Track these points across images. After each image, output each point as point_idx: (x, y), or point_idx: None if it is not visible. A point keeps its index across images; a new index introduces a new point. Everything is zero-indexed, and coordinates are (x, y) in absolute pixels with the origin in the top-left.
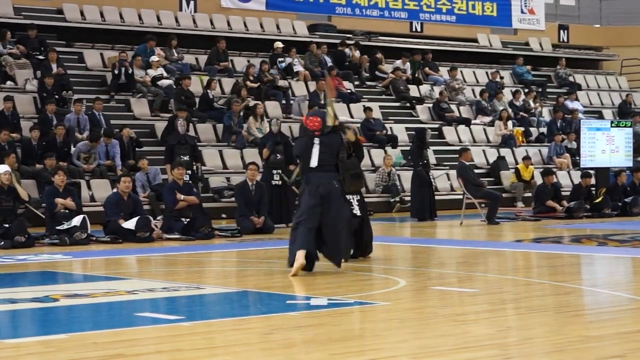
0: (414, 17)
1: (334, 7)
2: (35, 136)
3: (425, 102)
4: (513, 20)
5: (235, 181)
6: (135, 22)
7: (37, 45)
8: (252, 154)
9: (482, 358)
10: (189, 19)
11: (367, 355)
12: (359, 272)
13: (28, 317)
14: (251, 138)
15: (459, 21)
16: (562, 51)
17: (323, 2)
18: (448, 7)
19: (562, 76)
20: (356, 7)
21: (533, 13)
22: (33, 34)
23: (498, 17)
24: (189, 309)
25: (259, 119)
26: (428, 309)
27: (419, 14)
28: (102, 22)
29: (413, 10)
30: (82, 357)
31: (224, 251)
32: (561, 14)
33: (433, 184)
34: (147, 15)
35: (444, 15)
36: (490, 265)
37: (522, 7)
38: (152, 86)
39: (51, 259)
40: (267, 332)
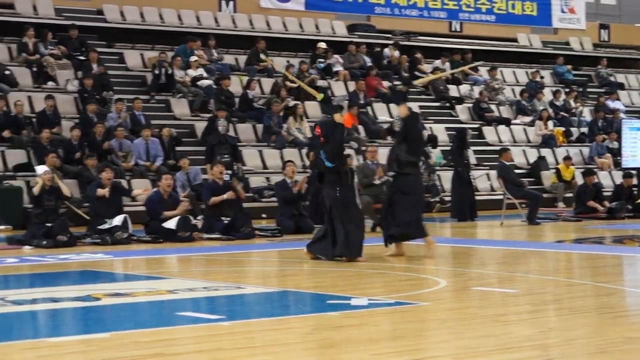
0: (453, 17)
1: (373, 7)
2: (76, 136)
3: (465, 102)
4: (553, 19)
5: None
6: (175, 22)
7: (78, 46)
8: (291, 153)
9: (524, 359)
10: (229, 19)
11: (408, 355)
12: (399, 272)
13: (69, 316)
14: (291, 138)
15: (499, 21)
16: (603, 50)
17: (362, 2)
18: (488, 7)
19: (603, 76)
20: (395, 7)
21: (573, 12)
22: (74, 35)
23: (538, 16)
24: (229, 308)
25: (299, 119)
26: (469, 310)
27: (459, 13)
28: (142, 22)
29: (452, 9)
30: (123, 356)
31: (264, 251)
32: (602, 13)
33: (473, 184)
34: (187, 15)
35: (483, 14)
36: (531, 265)
37: (562, 6)
38: (192, 86)
39: (93, 258)
40: (307, 332)
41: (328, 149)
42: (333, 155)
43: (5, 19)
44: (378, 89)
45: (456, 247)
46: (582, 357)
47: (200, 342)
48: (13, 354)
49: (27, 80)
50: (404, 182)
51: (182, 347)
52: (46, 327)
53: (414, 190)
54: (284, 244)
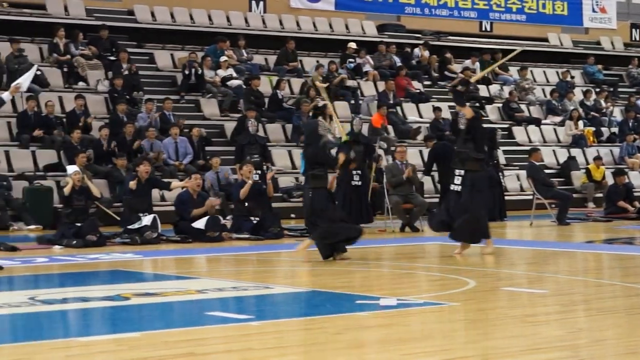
0: (483, 17)
1: (403, 7)
2: (104, 135)
3: (495, 102)
4: (584, 19)
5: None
6: (205, 22)
7: (109, 46)
8: None
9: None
10: (259, 20)
11: (437, 355)
12: (428, 272)
13: (99, 315)
14: None
15: (529, 20)
16: (634, 50)
17: (392, 2)
18: (518, 7)
19: (634, 75)
20: (425, 6)
21: (604, 12)
22: (104, 35)
23: (569, 16)
24: (258, 308)
25: (328, 119)
26: (498, 310)
27: (489, 13)
28: (173, 22)
29: (483, 9)
30: (153, 355)
31: (293, 251)
32: (633, 13)
33: (503, 184)
34: (217, 15)
35: (514, 14)
36: (560, 266)
37: (593, 5)
38: (222, 86)
39: (122, 258)
40: (336, 332)
41: (310, 154)
42: (313, 161)
43: (36, 19)
44: (407, 89)
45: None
46: (611, 358)
47: (230, 342)
48: (43, 353)
49: (57, 81)
50: (473, 180)
51: (212, 346)
52: (76, 327)
53: (483, 187)
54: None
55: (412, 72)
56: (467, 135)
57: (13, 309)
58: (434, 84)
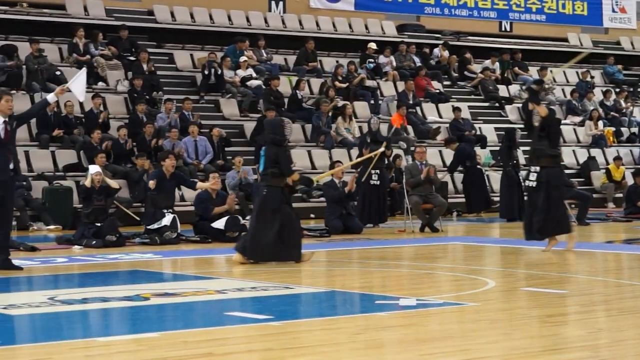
0: (503, 17)
1: (423, 7)
2: (123, 135)
3: (515, 102)
4: (604, 19)
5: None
6: (224, 22)
7: (128, 47)
8: (340, 154)
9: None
10: (278, 20)
11: (457, 356)
12: (447, 272)
13: (119, 315)
14: (340, 138)
15: (549, 20)
16: None
17: (412, 2)
18: (538, 7)
19: None
20: (445, 6)
21: (624, 12)
22: (124, 35)
23: (589, 16)
24: (278, 308)
25: (348, 119)
26: (518, 310)
27: (509, 13)
28: (192, 23)
29: (502, 9)
30: (173, 355)
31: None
32: None
33: (522, 184)
34: (237, 16)
35: (533, 14)
36: (580, 266)
37: (613, 6)
38: (241, 86)
39: (142, 258)
40: (356, 332)
41: (272, 154)
42: (274, 161)
43: (56, 19)
44: (427, 89)
45: (505, 247)
46: (632, 358)
47: (250, 342)
48: (63, 353)
49: None
50: (549, 176)
51: (232, 347)
52: (96, 327)
53: (559, 183)
54: (332, 244)
55: (431, 72)
56: (542, 132)
57: (33, 309)
58: (453, 84)
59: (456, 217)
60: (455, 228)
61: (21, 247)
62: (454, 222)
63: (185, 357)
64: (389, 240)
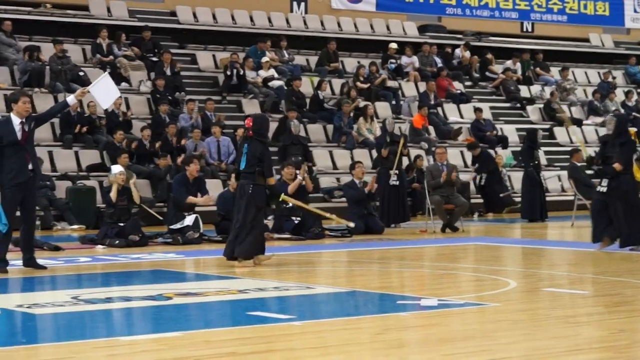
0: (524, 17)
1: (444, 7)
2: (146, 136)
3: (536, 103)
4: (626, 19)
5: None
6: (247, 23)
7: (151, 47)
8: (362, 154)
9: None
10: (300, 20)
11: (479, 356)
12: (469, 272)
13: (142, 315)
14: (361, 139)
15: (571, 21)
16: None
17: (433, 2)
18: (559, 7)
19: None
20: (466, 7)
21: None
22: (147, 36)
23: (610, 16)
24: (300, 308)
25: (369, 120)
26: (539, 311)
27: (530, 14)
28: (215, 24)
29: (524, 10)
30: (195, 354)
31: (334, 251)
32: None
33: (544, 184)
34: (259, 16)
35: (555, 15)
36: (601, 267)
37: (635, 6)
38: (263, 87)
39: (164, 257)
40: (377, 332)
41: (258, 153)
42: (259, 159)
43: (79, 20)
44: (448, 89)
45: (526, 247)
46: None
47: (272, 341)
48: (86, 352)
49: None
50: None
51: (254, 346)
52: (119, 326)
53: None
54: (353, 244)
55: (453, 73)
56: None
57: (56, 308)
58: (475, 85)
59: (477, 217)
60: (477, 228)
61: (45, 247)
62: (476, 222)
63: (208, 357)
64: (410, 240)
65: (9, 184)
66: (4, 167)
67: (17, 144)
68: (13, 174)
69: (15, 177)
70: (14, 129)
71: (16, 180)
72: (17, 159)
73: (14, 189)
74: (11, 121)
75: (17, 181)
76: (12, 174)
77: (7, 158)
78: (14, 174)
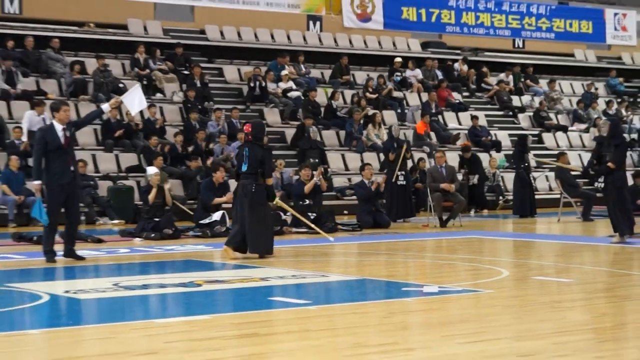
0: (516, 35)
1: (445, 26)
2: (179, 141)
3: (527, 111)
4: (607, 36)
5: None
6: (268, 40)
7: (183, 62)
8: (370, 157)
9: (579, 341)
10: (316, 38)
11: (474, 337)
12: (466, 263)
13: (175, 300)
14: (370, 143)
15: (558, 38)
16: None
17: (435, 21)
18: (547, 26)
19: None
20: (464, 26)
21: (625, 30)
22: (179, 52)
23: (593, 34)
24: (315, 294)
25: (377, 126)
26: (529, 297)
27: (521, 31)
28: (239, 41)
29: (516, 28)
30: (222, 335)
31: (346, 243)
32: None
33: (533, 184)
34: (279, 34)
35: (543, 32)
36: (585, 258)
37: (615, 25)
38: (283, 97)
39: (195, 249)
40: (384, 316)
41: (260, 157)
42: (260, 162)
43: (119, 38)
44: (448, 99)
45: (517, 240)
46: (632, 340)
47: (290, 324)
48: (125, 333)
49: None
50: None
51: (274, 328)
52: (155, 310)
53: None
54: (363, 237)
55: (452, 84)
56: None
57: (99, 294)
58: (471, 95)
59: (474, 214)
60: (473, 223)
61: (89, 239)
62: (472, 218)
63: (233, 337)
64: (413, 234)
65: (53, 184)
66: (50, 170)
67: (60, 148)
68: (57, 175)
69: (59, 178)
70: (58, 135)
71: (60, 181)
72: (61, 162)
73: (58, 189)
74: (54, 128)
75: (61, 182)
76: (57, 176)
77: (52, 161)
78: (58, 175)
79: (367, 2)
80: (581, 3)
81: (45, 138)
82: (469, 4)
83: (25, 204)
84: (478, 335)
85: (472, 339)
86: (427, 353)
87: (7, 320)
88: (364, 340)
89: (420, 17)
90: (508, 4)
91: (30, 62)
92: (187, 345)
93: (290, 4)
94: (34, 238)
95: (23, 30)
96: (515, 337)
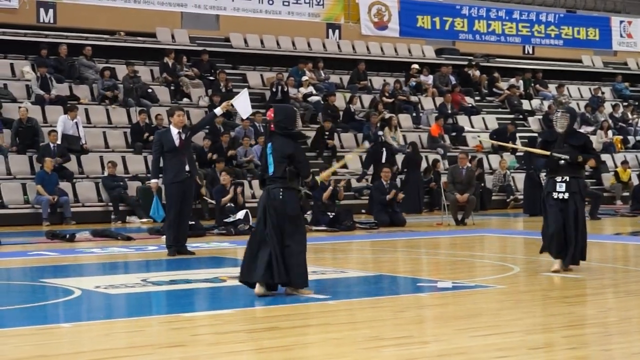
0: (526, 42)
1: (458, 33)
2: (206, 145)
3: (536, 115)
4: (613, 43)
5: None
6: (289, 48)
7: (208, 68)
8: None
9: (586, 334)
10: (334, 45)
11: (487, 330)
12: (479, 259)
13: (201, 294)
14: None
15: (566, 44)
16: None
17: (448, 29)
18: (556, 33)
19: None
20: (477, 33)
21: (631, 37)
22: (205, 59)
23: (600, 40)
24: (334, 289)
25: (393, 129)
26: (539, 292)
27: (531, 38)
28: (262, 48)
29: (526, 35)
30: (245, 328)
31: (363, 241)
32: None
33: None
34: (300, 42)
35: (552, 39)
36: (593, 254)
37: (621, 32)
38: (304, 101)
39: (219, 246)
40: (399, 310)
41: (291, 152)
42: (301, 167)
43: (148, 46)
44: (461, 103)
45: (528, 238)
46: (637, 334)
47: (310, 317)
48: (153, 326)
49: (166, 97)
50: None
51: (295, 321)
52: (181, 304)
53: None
54: (380, 235)
55: (465, 89)
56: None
57: (128, 289)
58: (483, 99)
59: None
60: (486, 222)
61: (119, 237)
62: (485, 217)
63: (255, 330)
64: (428, 231)
65: (169, 182)
66: (166, 169)
67: (175, 149)
68: (173, 174)
69: (175, 177)
70: (173, 138)
71: (175, 180)
72: (176, 162)
73: (173, 186)
74: (170, 131)
75: (176, 180)
76: (172, 175)
77: (168, 161)
78: (173, 174)
79: (384, 11)
80: (588, 11)
81: (161, 140)
82: (481, 12)
83: (58, 203)
84: (490, 328)
85: (485, 333)
86: (441, 346)
87: (41, 314)
88: (381, 333)
89: (434, 25)
90: (518, 13)
91: (63, 68)
92: (212, 338)
93: (310, 13)
94: (67, 236)
95: (57, 39)
96: (526, 331)
